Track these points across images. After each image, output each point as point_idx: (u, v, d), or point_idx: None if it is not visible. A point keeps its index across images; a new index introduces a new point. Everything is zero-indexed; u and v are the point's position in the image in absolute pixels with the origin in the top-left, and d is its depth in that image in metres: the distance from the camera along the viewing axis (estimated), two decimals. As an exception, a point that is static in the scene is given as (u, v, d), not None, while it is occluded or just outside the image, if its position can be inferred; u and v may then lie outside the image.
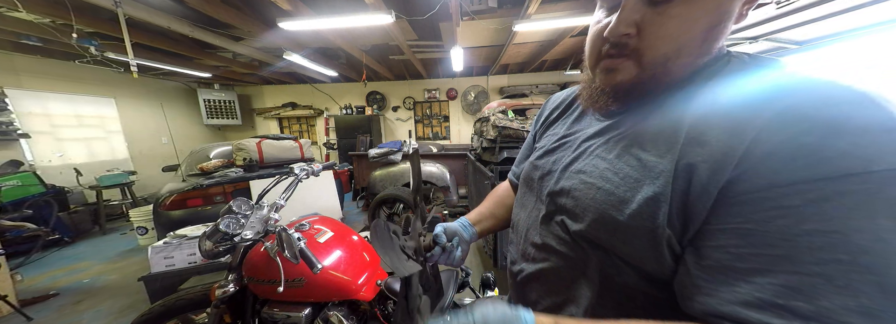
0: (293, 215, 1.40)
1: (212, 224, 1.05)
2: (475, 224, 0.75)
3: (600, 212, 0.42)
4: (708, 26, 0.37)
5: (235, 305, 1.14)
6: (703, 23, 0.37)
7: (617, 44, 0.41)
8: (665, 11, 0.37)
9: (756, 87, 0.35)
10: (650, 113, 0.43)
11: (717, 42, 0.39)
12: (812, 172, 0.28)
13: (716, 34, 0.38)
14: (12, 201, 3.14)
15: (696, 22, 0.37)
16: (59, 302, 2.39)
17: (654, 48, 0.39)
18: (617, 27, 0.40)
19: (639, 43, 0.40)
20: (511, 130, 2.83)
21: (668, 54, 0.39)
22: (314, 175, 1.40)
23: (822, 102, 0.30)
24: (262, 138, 3.13)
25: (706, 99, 0.38)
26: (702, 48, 0.39)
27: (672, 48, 0.39)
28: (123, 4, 2.40)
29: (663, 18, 0.37)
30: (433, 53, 4.48)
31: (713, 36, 0.38)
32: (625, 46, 0.41)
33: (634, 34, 0.39)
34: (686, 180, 0.35)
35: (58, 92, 4.19)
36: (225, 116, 6.35)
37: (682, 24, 0.37)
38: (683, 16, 0.37)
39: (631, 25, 0.39)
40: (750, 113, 0.33)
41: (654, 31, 0.38)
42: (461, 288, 1.37)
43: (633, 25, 0.39)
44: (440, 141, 6.64)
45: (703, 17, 0.37)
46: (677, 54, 0.39)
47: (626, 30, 0.39)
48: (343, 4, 2.87)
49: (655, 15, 0.38)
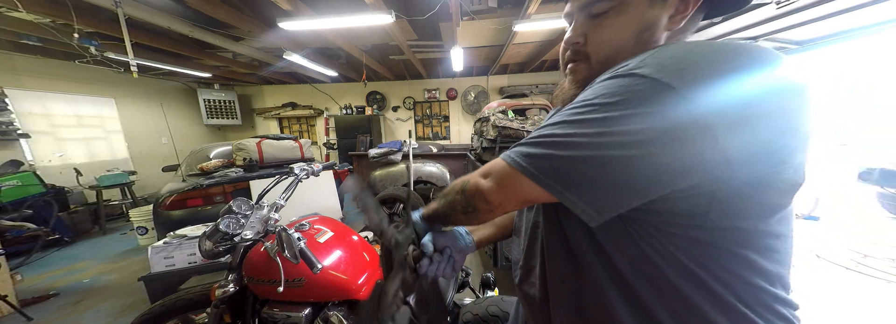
0: (293, 215, 1.40)
1: (212, 224, 1.05)
2: (472, 233, 0.71)
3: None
4: (636, 33, 0.47)
5: (235, 305, 1.14)
6: (630, 30, 0.47)
7: (574, 50, 0.53)
8: (601, 22, 0.49)
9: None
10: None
11: (650, 45, 0.47)
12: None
13: (647, 38, 0.47)
14: (12, 201, 3.13)
15: (624, 30, 0.47)
16: (59, 302, 2.39)
17: (598, 51, 0.50)
18: (570, 37, 0.53)
19: (587, 48, 0.51)
20: (511, 130, 2.83)
21: (608, 55, 0.49)
22: (314, 175, 1.40)
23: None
24: (262, 138, 3.13)
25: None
26: (635, 50, 0.47)
27: (610, 50, 0.49)
28: (123, 4, 2.40)
29: (600, 28, 0.49)
30: (433, 53, 4.48)
31: (644, 40, 0.47)
32: (578, 52, 0.52)
33: (583, 42, 0.51)
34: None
35: (58, 92, 4.20)
36: (225, 116, 6.35)
37: (614, 32, 0.48)
38: (614, 25, 0.48)
39: (580, 35, 0.51)
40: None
41: (595, 39, 0.50)
42: (461, 288, 1.37)
43: (582, 35, 0.51)
44: (440, 141, 6.64)
45: (628, 27, 0.47)
46: (615, 55, 0.48)
47: (576, 38, 0.52)
48: (343, 4, 2.87)
49: (595, 26, 0.49)
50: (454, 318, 1.24)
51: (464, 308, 1.22)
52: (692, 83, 0.33)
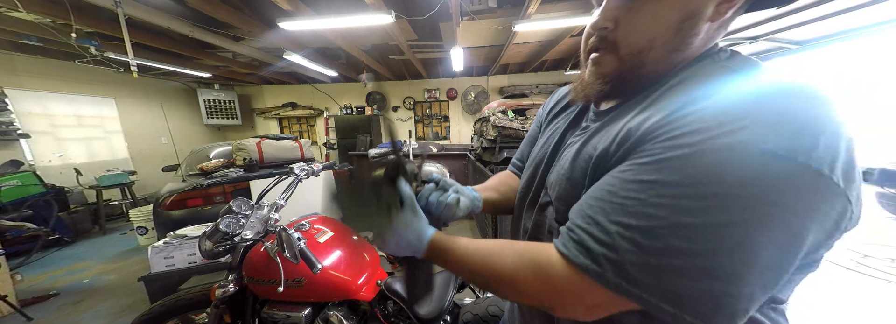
0: (293, 215, 1.40)
1: (212, 224, 1.05)
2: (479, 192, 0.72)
3: (563, 197, 0.47)
4: (677, 22, 0.40)
5: (235, 305, 1.14)
6: (671, 18, 0.40)
7: (600, 37, 0.45)
8: (637, 7, 0.41)
9: (691, 96, 0.37)
10: (620, 113, 0.46)
11: (691, 38, 0.41)
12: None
13: (687, 30, 0.40)
14: (12, 201, 3.13)
15: (664, 17, 0.40)
16: (59, 302, 2.39)
17: (628, 41, 0.43)
18: (598, 21, 0.45)
19: (616, 36, 0.44)
20: (511, 130, 2.83)
21: (640, 47, 0.42)
22: (314, 175, 1.40)
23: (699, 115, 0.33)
24: (262, 138, 3.13)
25: (658, 103, 0.40)
26: (673, 43, 0.41)
27: (644, 41, 0.42)
28: (123, 4, 2.40)
29: (634, 14, 0.42)
30: (433, 53, 4.48)
31: (684, 32, 0.40)
32: (605, 40, 0.45)
33: (612, 28, 0.44)
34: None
35: (58, 92, 4.19)
36: (225, 116, 6.35)
37: (651, 20, 0.41)
38: (652, 12, 0.40)
39: (610, 20, 0.44)
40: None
41: (627, 25, 0.43)
42: (461, 288, 1.37)
43: (612, 20, 0.43)
44: (440, 141, 6.64)
45: (669, 13, 0.40)
46: (650, 47, 0.42)
47: (605, 23, 0.44)
48: (343, 4, 2.87)
49: (629, 11, 0.42)
50: (454, 318, 1.24)
51: (464, 308, 1.22)
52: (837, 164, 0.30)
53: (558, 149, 0.56)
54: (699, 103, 0.34)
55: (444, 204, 0.56)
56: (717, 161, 0.30)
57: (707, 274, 0.30)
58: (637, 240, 0.32)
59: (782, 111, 0.31)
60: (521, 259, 0.41)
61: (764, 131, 0.30)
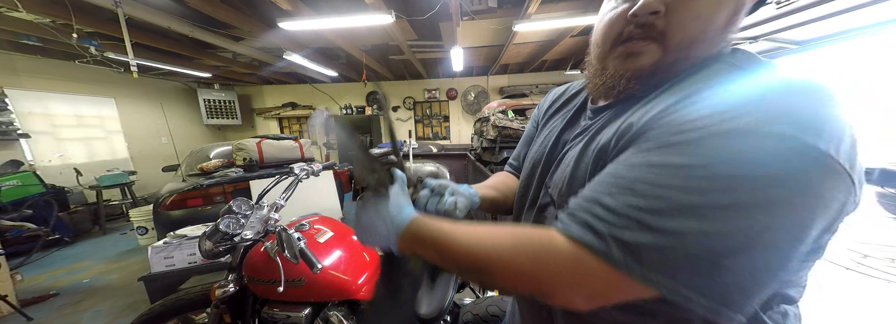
0: (293, 215, 1.40)
1: (212, 224, 1.05)
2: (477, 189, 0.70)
3: (566, 197, 0.46)
4: (731, 11, 0.38)
5: (235, 305, 1.14)
6: (729, 7, 0.37)
7: (643, 24, 0.40)
8: None
9: (696, 92, 0.36)
10: (621, 109, 0.45)
11: (731, 32, 0.40)
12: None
13: (733, 22, 0.39)
14: (12, 201, 3.13)
15: (724, 5, 0.37)
16: (59, 302, 2.39)
17: (683, 29, 0.38)
18: (648, 3, 0.38)
19: (666, 23, 0.38)
20: (511, 130, 2.83)
21: (694, 36, 0.39)
22: (314, 175, 1.40)
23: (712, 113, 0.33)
24: (262, 138, 3.13)
25: (661, 97, 0.39)
26: (722, 34, 0.39)
27: (699, 30, 0.38)
28: (123, 4, 2.40)
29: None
30: (433, 53, 4.48)
31: (731, 23, 0.39)
32: (651, 27, 0.39)
33: (663, 13, 0.38)
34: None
35: (58, 92, 4.19)
36: (225, 116, 6.35)
37: (714, 6, 0.37)
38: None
39: (661, 3, 0.38)
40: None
41: (683, 11, 0.37)
42: (461, 288, 1.37)
43: (663, 4, 0.38)
44: (440, 141, 6.64)
45: (728, 3, 0.37)
46: (702, 38, 0.39)
47: (656, 6, 0.38)
48: (343, 4, 2.87)
49: None
50: (454, 318, 1.24)
51: (464, 308, 1.22)
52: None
53: (556, 149, 0.56)
54: (705, 95, 0.34)
55: (443, 210, 0.54)
56: (727, 143, 0.30)
57: (714, 254, 0.29)
58: (646, 219, 0.31)
59: (787, 102, 0.31)
60: (518, 240, 0.38)
61: (771, 117, 0.30)
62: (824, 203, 0.30)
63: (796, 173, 0.29)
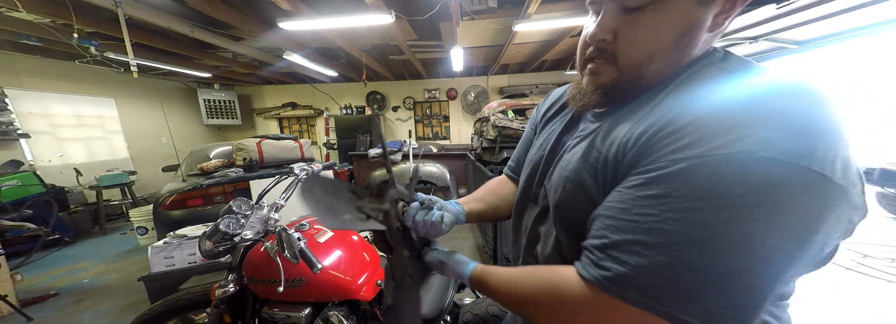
0: (293, 215, 1.40)
1: (212, 224, 1.05)
2: (463, 205, 0.71)
3: (565, 199, 0.48)
4: (676, 35, 0.40)
5: (235, 305, 1.14)
6: (671, 32, 0.40)
7: (598, 48, 0.45)
8: (636, 20, 0.40)
9: (691, 101, 0.38)
10: (623, 116, 0.46)
11: (690, 49, 0.41)
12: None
13: (687, 42, 0.41)
14: (12, 201, 3.13)
15: (664, 31, 0.40)
16: (59, 302, 2.39)
17: (628, 54, 0.42)
18: (596, 33, 0.44)
19: (615, 48, 0.43)
20: (511, 130, 2.83)
21: (640, 60, 0.42)
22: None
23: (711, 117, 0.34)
24: (262, 138, 3.13)
25: (659, 109, 0.40)
26: (673, 55, 0.41)
27: (644, 54, 0.42)
28: (123, 4, 2.40)
29: (634, 27, 0.41)
30: (433, 53, 4.48)
31: (684, 44, 0.41)
32: (604, 51, 0.44)
33: (611, 40, 0.43)
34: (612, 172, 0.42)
35: (58, 92, 4.19)
36: (225, 116, 6.35)
37: (651, 33, 0.40)
38: (652, 25, 0.40)
39: (608, 32, 0.43)
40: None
41: (627, 38, 0.42)
42: (461, 288, 1.37)
43: (610, 32, 0.42)
44: (440, 141, 6.64)
45: (670, 27, 0.39)
46: (649, 60, 0.42)
47: (604, 36, 0.43)
48: (343, 4, 2.87)
49: (628, 23, 0.41)
50: (454, 318, 1.24)
51: (464, 308, 1.22)
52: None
53: (555, 151, 0.56)
54: (697, 110, 0.35)
55: (430, 223, 0.57)
56: (721, 172, 0.31)
57: (721, 284, 0.30)
58: (654, 257, 0.32)
59: (779, 113, 0.31)
60: (542, 282, 0.42)
61: (762, 139, 0.30)
62: (826, 220, 0.31)
63: (793, 197, 0.30)
